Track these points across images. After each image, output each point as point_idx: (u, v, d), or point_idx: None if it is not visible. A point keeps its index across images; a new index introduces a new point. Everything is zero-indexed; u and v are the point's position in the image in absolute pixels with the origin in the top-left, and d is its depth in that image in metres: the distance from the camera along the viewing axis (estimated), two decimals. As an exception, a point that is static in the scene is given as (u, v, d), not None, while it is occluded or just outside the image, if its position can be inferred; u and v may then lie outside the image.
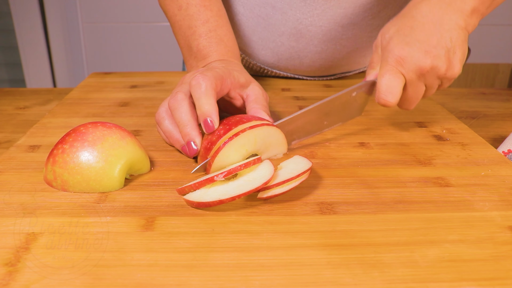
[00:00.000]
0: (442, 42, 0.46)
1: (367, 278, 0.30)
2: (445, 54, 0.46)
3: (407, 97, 0.50)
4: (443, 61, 0.46)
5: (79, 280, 0.30)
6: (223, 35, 0.57)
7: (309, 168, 0.41)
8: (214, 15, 0.58)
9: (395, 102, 0.48)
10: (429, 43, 0.46)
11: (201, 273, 0.30)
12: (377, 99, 0.48)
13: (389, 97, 0.47)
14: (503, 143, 0.54)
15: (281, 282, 0.30)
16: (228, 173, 0.38)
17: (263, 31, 0.68)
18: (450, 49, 0.46)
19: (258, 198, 0.38)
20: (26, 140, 0.52)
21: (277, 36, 0.68)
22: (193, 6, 0.57)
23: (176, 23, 0.59)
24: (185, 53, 0.59)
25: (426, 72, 0.47)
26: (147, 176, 0.44)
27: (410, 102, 0.50)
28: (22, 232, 0.35)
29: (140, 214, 0.37)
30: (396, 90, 0.47)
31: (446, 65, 0.47)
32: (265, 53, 0.71)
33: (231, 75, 0.49)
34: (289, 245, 0.33)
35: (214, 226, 0.36)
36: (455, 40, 0.46)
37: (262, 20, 0.67)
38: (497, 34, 1.91)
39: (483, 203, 0.39)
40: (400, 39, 0.47)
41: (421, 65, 0.46)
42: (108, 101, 0.66)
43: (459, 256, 0.32)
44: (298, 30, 0.67)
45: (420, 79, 0.48)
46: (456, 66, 0.47)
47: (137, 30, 1.76)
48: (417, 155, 0.49)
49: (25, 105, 0.71)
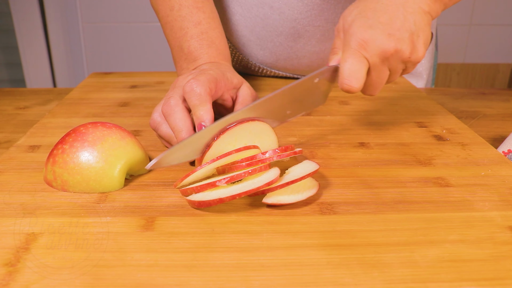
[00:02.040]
0: (405, 25, 0.45)
1: (367, 278, 0.30)
2: (409, 37, 0.45)
3: (371, 82, 0.48)
4: (407, 44, 0.45)
5: (79, 280, 0.30)
6: (214, 38, 0.57)
7: (315, 170, 0.40)
8: (207, 17, 0.58)
9: (359, 87, 0.46)
10: (393, 26, 0.45)
11: (201, 273, 0.30)
12: (340, 84, 0.46)
13: (353, 82, 0.45)
14: (503, 143, 0.54)
15: (281, 282, 0.30)
16: (231, 179, 0.37)
17: (261, 31, 0.68)
18: (414, 32, 0.45)
19: (263, 202, 0.38)
20: (26, 140, 0.52)
21: (275, 36, 0.68)
22: (186, 7, 0.57)
23: (167, 23, 0.59)
24: (176, 54, 0.58)
25: (390, 55, 0.45)
26: (147, 176, 0.44)
27: (374, 87, 0.48)
28: (22, 232, 0.35)
29: (140, 214, 0.37)
30: (359, 74, 0.45)
31: (410, 48, 0.45)
32: (263, 53, 0.71)
33: (225, 77, 0.49)
34: (289, 245, 0.33)
35: (214, 226, 0.36)
36: (419, 24, 0.45)
37: (260, 20, 0.67)
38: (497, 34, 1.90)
39: (483, 203, 0.39)
40: (362, 22, 0.45)
41: (384, 48, 0.44)
42: (108, 101, 0.66)
43: (459, 256, 0.32)
44: (296, 30, 0.67)
45: (384, 63, 0.46)
46: (420, 49, 0.46)
47: (137, 30, 1.76)
48: (417, 155, 0.49)
49: (25, 105, 0.71)
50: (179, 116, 0.45)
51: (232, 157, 0.40)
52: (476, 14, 1.86)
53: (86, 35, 1.77)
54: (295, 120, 0.48)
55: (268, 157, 0.40)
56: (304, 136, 0.53)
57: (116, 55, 1.80)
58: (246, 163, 0.39)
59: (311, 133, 0.54)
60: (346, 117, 0.59)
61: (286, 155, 0.41)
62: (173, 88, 0.49)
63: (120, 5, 1.72)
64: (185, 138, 0.44)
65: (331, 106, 0.63)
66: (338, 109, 0.62)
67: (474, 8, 1.85)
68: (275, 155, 0.40)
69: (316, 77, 0.47)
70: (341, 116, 0.60)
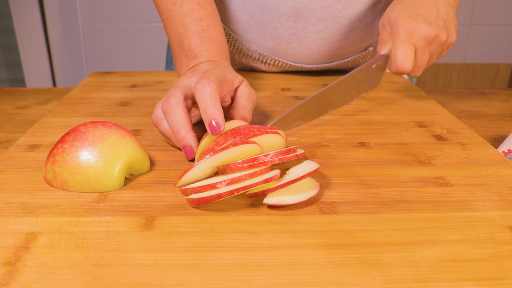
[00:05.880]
0: (440, 15, 0.57)
1: (367, 278, 0.30)
2: (443, 24, 0.57)
3: (416, 64, 0.58)
4: (443, 29, 0.56)
5: (79, 280, 0.30)
6: (215, 36, 0.58)
7: (315, 169, 0.39)
8: (208, 15, 0.58)
9: (410, 68, 0.56)
10: (431, 16, 0.56)
11: (201, 273, 0.30)
12: (394, 67, 0.56)
13: (406, 64, 0.55)
14: (503, 143, 0.54)
15: (281, 282, 0.30)
16: (232, 181, 0.37)
17: (261, 14, 0.69)
18: (446, 20, 0.57)
19: (263, 203, 0.38)
20: (26, 139, 0.52)
21: (275, 18, 0.69)
22: (188, 3, 0.58)
23: (168, 18, 0.59)
24: (176, 49, 0.59)
25: (432, 39, 0.56)
26: (147, 175, 0.44)
27: (418, 68, 0.58)
28: (22, 231, 0.35)
29: (140, 214, 0.37)
30: (411, 58, 0.56)
31: (446, 33, 0.57)
32: (264, 37, 0.72)
33: (227, 79, 0.49)
34: (289, 245, 0.33)
35: (214, 226, 0.36)
36: (449, 13, 0.58)
37: (260, 2, 0.68)
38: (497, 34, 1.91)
39: (483, 203, 0.39)
40: (406, 15, 0.56)
41: (428, 34, 0.55)
42: (108, 101, 0.66)
43: (459, 256, 0.32)
44: (297, 9, 0.67)
45: (427, 47, 0.57)
46: (453, 33, 0.58)
47: (137, 30, 1.76)
48: (417, 155, 0.49)
49: (25, 105, 0.71)
50: (178, 114, 0.45)
51: (230, 152, 0.40)
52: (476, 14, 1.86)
53: (86, 35, 1.77)
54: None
55: (269, 159, 0.39)
56: (304, 136, 0.53)
57: (116, 55, 1.80)
58: (247, 164, 0.38)
59: (311, 133, 0.54)
60: (346, 117, 0.59)
61: (288, 158, 0.40)
62: (174, 87, 0.49)
63: (120, 5, 1.72)
64: (184, 137, 0.44)
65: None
66: (338, 109, 0.62)
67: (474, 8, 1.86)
68: (277, 157, 0.40)
69: (374, 63, 0.58)
70: (341, 116, 0.60)
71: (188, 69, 0.57)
